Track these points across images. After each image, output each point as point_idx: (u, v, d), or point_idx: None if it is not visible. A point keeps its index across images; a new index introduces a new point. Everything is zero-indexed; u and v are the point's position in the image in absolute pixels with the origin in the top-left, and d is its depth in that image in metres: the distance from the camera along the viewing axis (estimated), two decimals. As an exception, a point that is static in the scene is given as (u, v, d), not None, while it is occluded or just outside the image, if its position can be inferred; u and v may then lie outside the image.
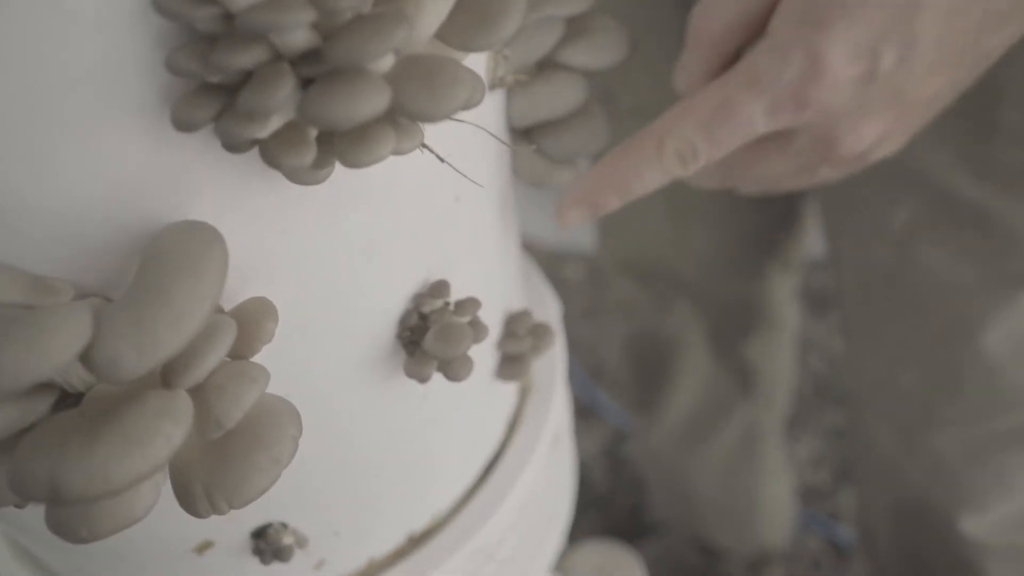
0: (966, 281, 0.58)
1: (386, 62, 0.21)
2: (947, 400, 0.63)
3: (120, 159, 0.23)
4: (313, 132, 0.22)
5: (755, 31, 0.37)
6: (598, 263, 0.93)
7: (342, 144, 0.22)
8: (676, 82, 0.41)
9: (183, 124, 0.21)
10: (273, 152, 0.22)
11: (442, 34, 0.22)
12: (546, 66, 0.38)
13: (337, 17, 0.20)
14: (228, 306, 0.26)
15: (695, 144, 0.36)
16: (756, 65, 0.35)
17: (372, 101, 0.20)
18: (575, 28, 0.39)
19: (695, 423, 0.94)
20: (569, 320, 0.52)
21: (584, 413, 1.39)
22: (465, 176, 0.27)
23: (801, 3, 0.34)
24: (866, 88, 0.34)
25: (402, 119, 0.22)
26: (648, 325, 0.87)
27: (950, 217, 0.57)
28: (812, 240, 0.85)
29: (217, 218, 0.24)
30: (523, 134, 0.39)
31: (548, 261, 1.58)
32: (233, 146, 0.22)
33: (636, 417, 1.00)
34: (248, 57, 0.20)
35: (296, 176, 0.23)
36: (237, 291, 0.26)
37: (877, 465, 0.74)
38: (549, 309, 0.50)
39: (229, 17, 0.20)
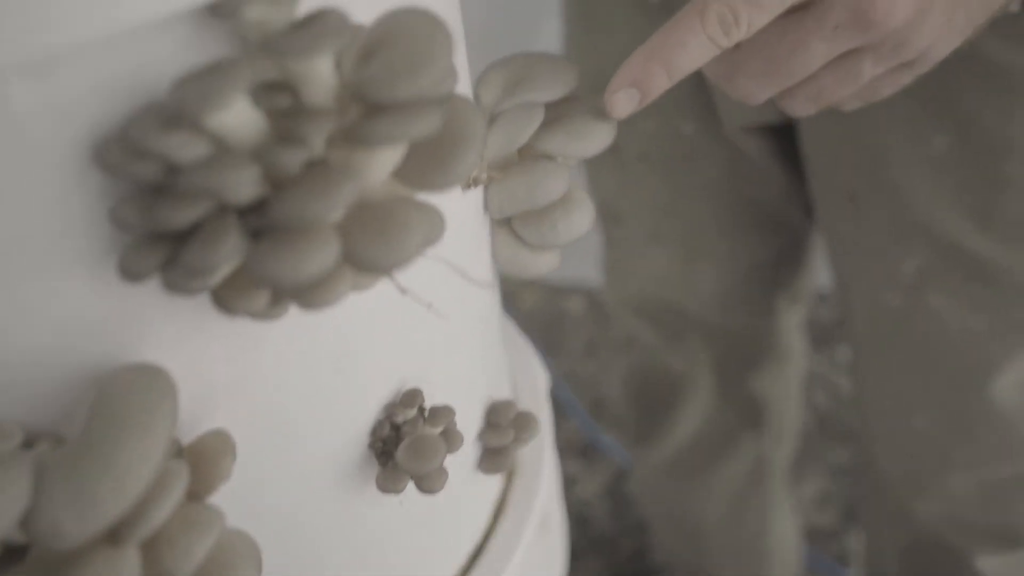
0: (976, 329, 0.59)
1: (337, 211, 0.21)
2: (960, 444, 0.64)
3: (71, 304, 0.22)
4: (265, 277, 0.21)
5: None
6: (601, 299, 0.93)
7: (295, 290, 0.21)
8: None
9: (129, 274, 0.21)
10: (223, 299, 0.21)
11: (399, 174, 0.22)
12: (527, 153, 0.38)
13: (284, 171, 0.20)
14: (187, 438, 0.25)
15: (734, 6, 0.36)
16: None
17: (319, 260, 0.19)
18: (555, 114, 0.38)
19: (698, 454, 0.93)
20: (570, 355, 0.52)
21: (586, 451, 1.38)
22: (428, 306, 0.26)
23: None
24: None
25: (357, 263, 0.21)
26: (652, 359, 0.87)
27: (958, 268, 0.57)
28: (815, 272, 0.85)
29: (173, 354, 0.23)
30: (503, 221, 0.38)
31: (549, 295, 1.57)
32: (181, 294, 0.21)
33: (636, 450, 0.99)
34: (192, 213, 0.19)
35: (251, 317, 0.22)
36: (197, 420, 0.25)
37: (888, 506, 0.74)
38: (537, 380, 0.49)
39: (173, 168, 0.20)
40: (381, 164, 0.21)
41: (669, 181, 0.71)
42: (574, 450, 1.41)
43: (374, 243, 0.20)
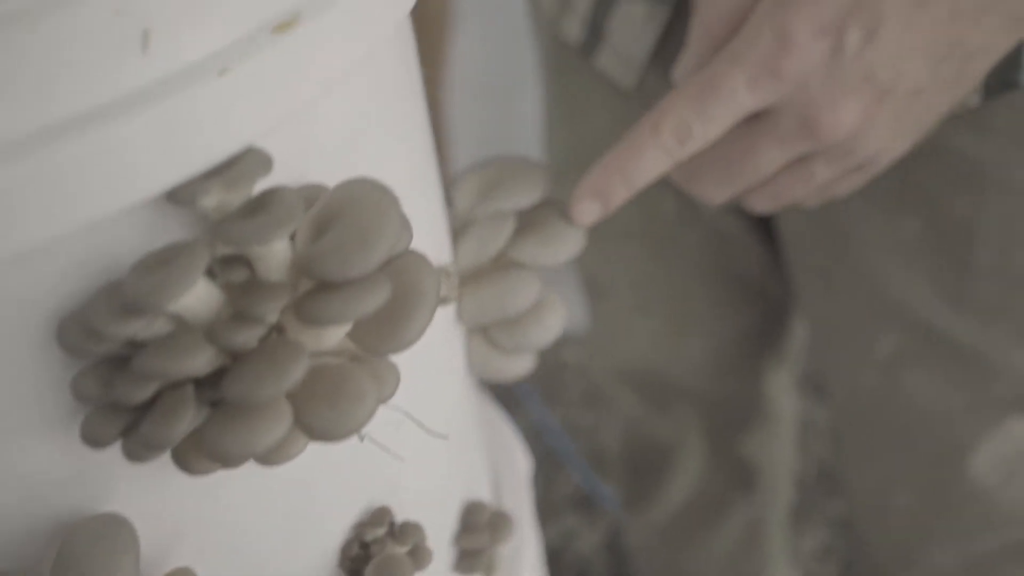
0: (952, 407, 0.59)
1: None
2: (942, 519, 0.64)
3: (39, 462, 0.23)
4: (223, 438, 0.22)
5: (744, 21, 0.39)
6: (592, 371, 0.93)
7: (252, 451, 0.22)
8: (676, 74, 0.43)
9: (91, 441, 0.21)
10: (182, 460, 0.22)
11: (353, 335, 0.23)
12: (499, 261, 0.39)
13: (240, 348, 0.20)
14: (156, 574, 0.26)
15: (688, 120, 0.38)
16: (734, 45, 0.38)
17: (271, 434, 0.20)
18: (527, 220, 0.39)
19: (692, 518, 0.93)
20: (568, 406, 0.52)
21: (585, 503, 1.38)
22: (387, 450, 0.27)
23: None
24: (836, 62, 0.36)
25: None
26: (640, 428, 0.87)
27: (932, 348, 0.58)
28: (801, 333, 0.85)
29: (137, 502, 0.24)
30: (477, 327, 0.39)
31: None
32: (141, 462, 0.22)
33: (629, 514, 1.00)
34: (148, 390, 0.20)
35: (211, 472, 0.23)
36: (164, 558, 0.26)
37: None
38: (518, 466, 0.50)
39: (132, 342, 0.21)
40: (332, 335, 0.22)
41: (652, 257, 0.72)
42: (573, 503, 1.40)
43: (325, 414, 0.21)
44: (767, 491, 0.92)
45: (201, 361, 0.20)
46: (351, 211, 0.21)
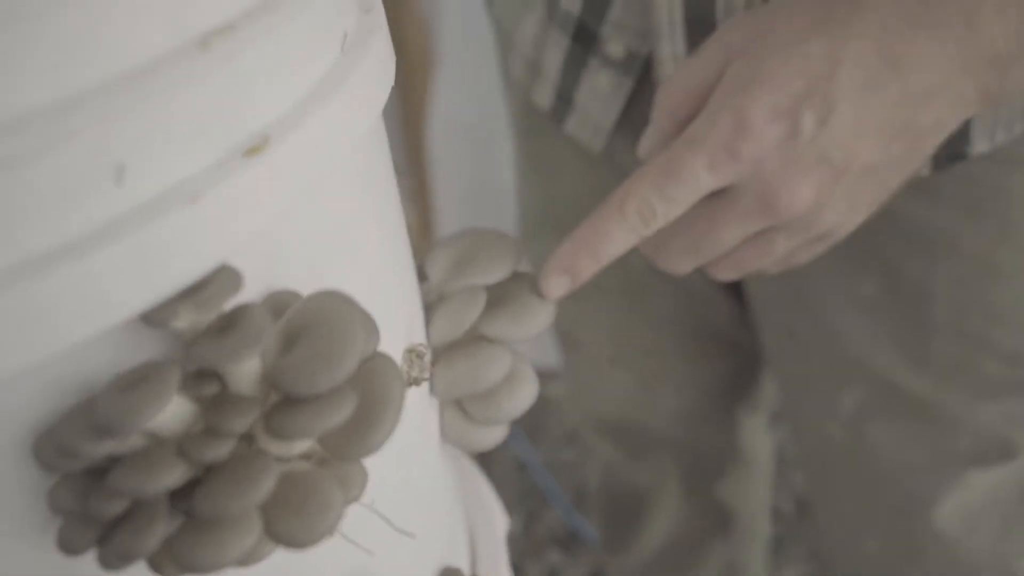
0: (915, 461, 0.61)
1: (261, 487, 0.22)
2: (910, 567, 0.65)
3: (21, 564, 0.23)
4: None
5: (704, 104, 0.41)
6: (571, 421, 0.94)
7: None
8: (640, 151, 0.45)
9: (66, 549, 0.22)
10: (157, 567, 0.23)
11: (320, 440, 0.24)
12: (471, 335, 0.40)
13: (211, 462, 0.21)
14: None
15: (651, 201, 0.39)
16: (693, 128, 0.39)
17: (240, 546, 0.21)
18: (498, 296, 0.41)
19: (669, 562, 0.94)
20: (551, 442, 0.53)
21: (568, 541, 1.38)
22: (359, 546, 0.28)
23: (731, 75, 0.39)
24: (791, 145, 0.38)
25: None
26: (616, 475, 0.88)
27: (895, 403, 0.60)
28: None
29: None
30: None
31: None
32: (115, 572, 0.22)
33: (607, 557, 1.00)
34: (121, 505, 0.21)
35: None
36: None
37: None
38: (495, 527, 0.50)
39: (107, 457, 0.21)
40: (300, 444, 0.23)
41: (624, 311, 0.74)
42: (556, 541, 1.40)
43: (293, 523, 0.22)
44: (744, 532, 0.93)
45: (173, 477, 0.20)
46: (317, 326, 0.22)
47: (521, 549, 1.36)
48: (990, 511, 0.61)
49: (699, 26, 0.48)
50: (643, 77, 0.55)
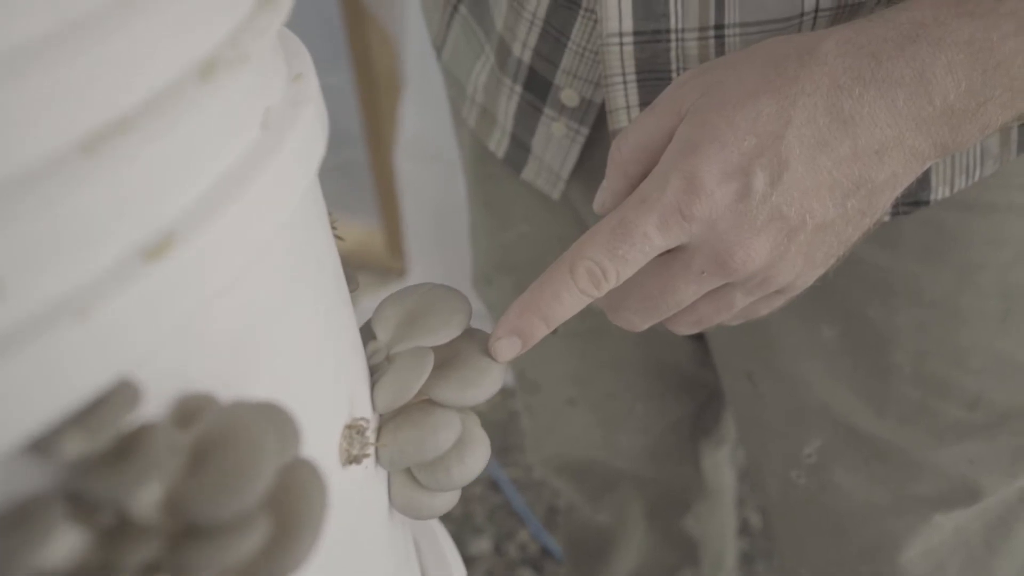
0: (880, 504, 0.60)
1: None
2: None
3: None
4: None
5: (657, 161, 0.40)
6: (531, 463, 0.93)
7: None
8: (595, 207, 0.44)
9: None
10: None
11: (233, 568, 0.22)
12: (420, 400, 0.38)
13: None
14: None
15: (602, 263, 0.38)
16: (644, 188, 0.38)
17: None
18: (447, 357, 0.39)
19: None
20: (521, 461, 0.51)
21: (539, 561, 1.36)
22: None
23: (682, 134, 0.38)
24: (744, 204, 0.37)
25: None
26: (580, 516, 0.87)
27: (857, 448, 0.59)
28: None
29: None
30: (397, 466, 0.38)
31: (503, 398, 1.56)
32: None
33: None
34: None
35: None
36: None
37: None
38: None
39: None
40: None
41: (580, 353, 0.73)
42: (528, 560, 1.39)
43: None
44: (713, 560, 0.92)
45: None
46: (226, 444, 0.21)
47: (493, 569, 1.35)
48: (958, 552, 0.60)
49: (652, 76, 0.47)
50: (598, 124, 0.54)
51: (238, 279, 0.24)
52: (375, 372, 0.39)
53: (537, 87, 0.54)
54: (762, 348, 0.60)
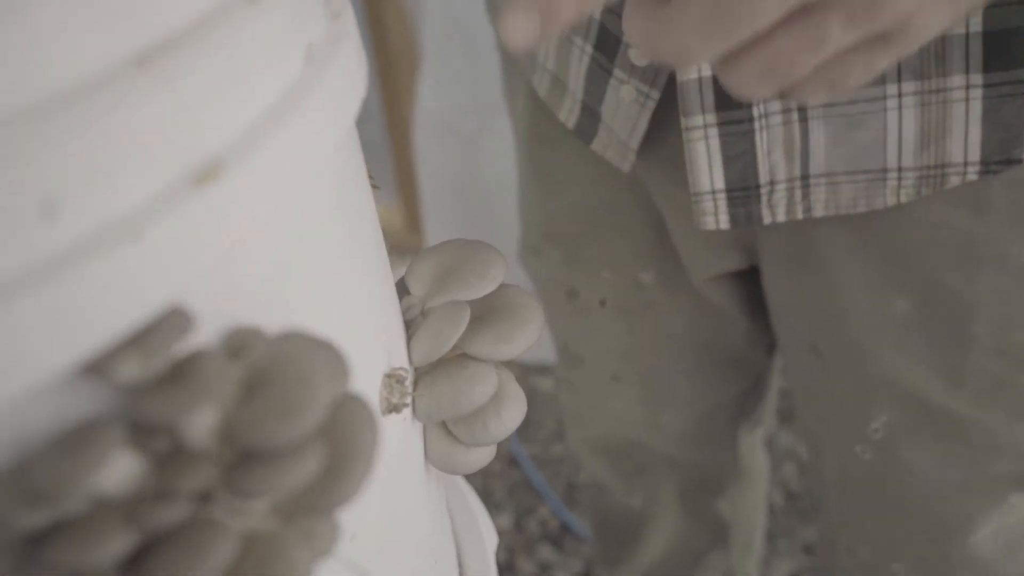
0: (951, 483, 0.58)
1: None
2: None
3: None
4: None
5: None
6: (569, 447, 0.92)
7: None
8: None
9: (6, 622, 0.20)
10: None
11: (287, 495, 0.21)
12: (455, 354, 0.38)
13: (161, 529, 0.19)
14: None
15: None
16: None
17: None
18: (482, 312, 0.38)
19: (664, 574, 0.92)
20: (542, 437, 0.51)
21: (560, 537, 1.36)
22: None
23: None
24: None
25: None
26: (612, 499, 0.86)
27: (928, 424, 0.57)
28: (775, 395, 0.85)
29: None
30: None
31: (520, 374, 1.56)
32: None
33: (603, 572, 0.98)
34: (63, 577, 0.19)
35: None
36: None
37: None
38: (485, 546, 0.49)
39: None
40: (264, 502, 0.21)
41: (629, 328, 0.71)
42: (548, 536, 1.39)
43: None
44: (742, 542, 0.91)
45: (119, 546, 0.18)
46: (279, 374, 0.20)
47: (512, 545, 1.35)
48: None
49: None
50: (669, 90, 0.52)
51: (283, 210, 0.24)
52: (410, 327, 0.38)
53: (607, 45, 0.52)
54: (828, 319, 0.58)
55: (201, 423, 0.20)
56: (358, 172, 0.31)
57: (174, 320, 0.20)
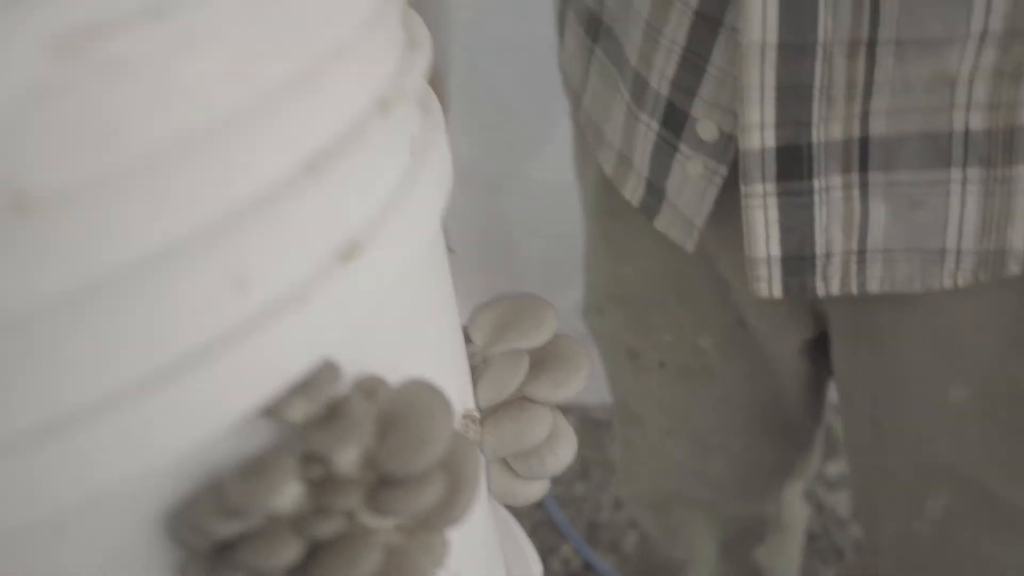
0: (1009, 565, 0.59)
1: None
2: None
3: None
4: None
5: None
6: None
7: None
8: None
9: (190, 618, 0.25)
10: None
11: (412, 515, 0.26)
12: (514, 397, 0.43)
13: (321, 539, 0.24)
14: None
15: None
16: None
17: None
18: (539, 360, 0.43)
19: None
20: (564, 476, 0.53)
21: (580, 573, 1.39)
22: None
23: None
24: None
25: None
26: (655, 548, 0.88)
27: (987, 510, 0.58)
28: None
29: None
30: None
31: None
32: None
33: None
34: (242, 579, 0.24)
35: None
36: None
37: None
38: (532, 573, 0.53)
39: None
40: (395, 520, 0.25)
41: (686, 389, 0.72)
42: (571, 575, 1.42)
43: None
44: None
45: (292, 553, 0.23)
46: (408, 414, 0.25)
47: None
48: None
49: (793, 93, 0.45)
50: (736, 166, 0.51)
51: (400, 282, 0.29)
52: (473, 373, 0.43)
53: (674, 121, 0.52)
54: (890, 398, 0.58)
55: (349, 455, 0.25)
56: (442, 240, 0.36)
57: (327, 371, 0.25)
